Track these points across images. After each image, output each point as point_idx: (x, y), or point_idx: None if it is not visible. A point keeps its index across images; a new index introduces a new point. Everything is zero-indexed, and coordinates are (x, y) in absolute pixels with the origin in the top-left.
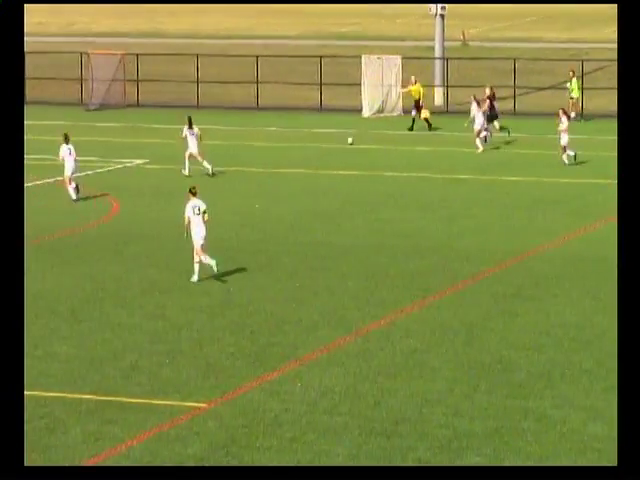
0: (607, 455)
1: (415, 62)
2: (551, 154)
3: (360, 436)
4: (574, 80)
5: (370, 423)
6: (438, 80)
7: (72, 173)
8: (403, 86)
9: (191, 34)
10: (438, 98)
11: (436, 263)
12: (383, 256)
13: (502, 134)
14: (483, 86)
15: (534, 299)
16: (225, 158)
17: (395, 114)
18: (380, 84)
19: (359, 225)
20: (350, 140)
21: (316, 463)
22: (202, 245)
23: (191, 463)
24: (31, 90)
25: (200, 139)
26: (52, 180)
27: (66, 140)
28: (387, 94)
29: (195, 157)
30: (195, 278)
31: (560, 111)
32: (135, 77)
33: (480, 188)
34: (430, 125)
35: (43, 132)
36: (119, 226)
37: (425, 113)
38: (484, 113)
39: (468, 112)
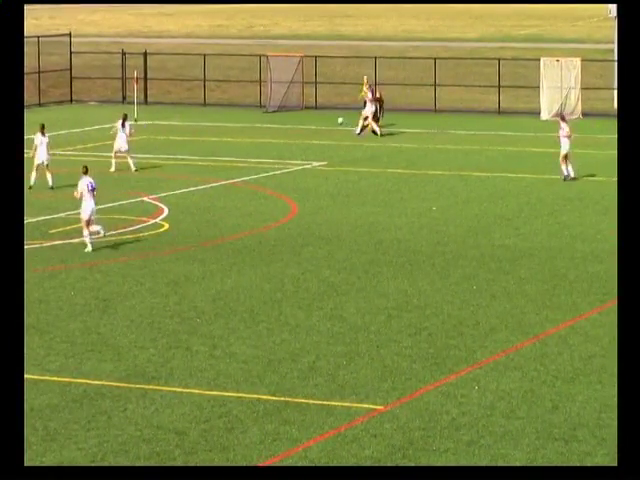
0: None
1: (595, 64)
2: None
3: (538, 440)
4: None
5: (548, 428)
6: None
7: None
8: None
9: (369, 36)
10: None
11: (616, 267)
12: (562, 260)
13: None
14: None
15: None
16: (403, 161)
17: (574, 117)
18: (559, 87)
19: (538, 228)
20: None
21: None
22: (89, 218)
23: (368, 464)
24: (210, 92)
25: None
26: (234, 181)
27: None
28: (566, 97)
29: (121, 153)
30: (89, 248)
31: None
32: (313, 79)
33: None
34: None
35: (223, 134)
36: (297, 227)
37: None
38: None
39: None
